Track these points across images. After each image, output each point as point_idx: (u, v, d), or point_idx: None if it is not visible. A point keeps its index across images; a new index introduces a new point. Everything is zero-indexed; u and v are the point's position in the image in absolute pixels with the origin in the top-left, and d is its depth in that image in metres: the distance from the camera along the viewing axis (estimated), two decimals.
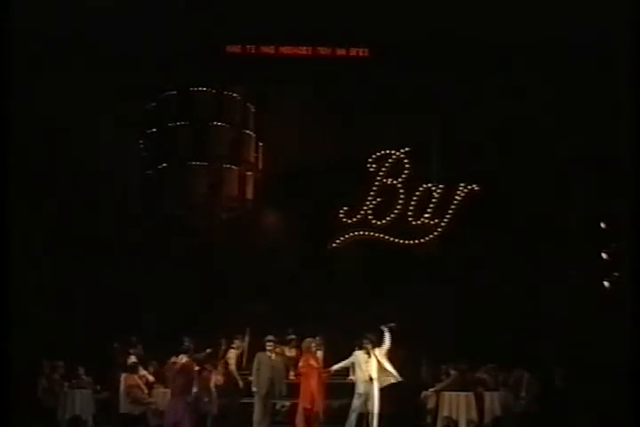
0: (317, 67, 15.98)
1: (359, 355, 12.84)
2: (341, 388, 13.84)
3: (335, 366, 13.13)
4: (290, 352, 14.83)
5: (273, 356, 13.38)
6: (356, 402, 12.80)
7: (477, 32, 14.83)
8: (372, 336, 12.89)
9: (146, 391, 13.84)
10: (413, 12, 14.53)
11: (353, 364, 12.95)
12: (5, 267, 11.57)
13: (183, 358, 12.52)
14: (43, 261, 15.49)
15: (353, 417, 12.81)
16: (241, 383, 14.00)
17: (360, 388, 12.80)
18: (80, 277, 16.41)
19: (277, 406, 14.85)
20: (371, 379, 12.64)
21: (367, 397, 12.68)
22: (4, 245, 11.64)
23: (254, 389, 13.21)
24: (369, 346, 12.81)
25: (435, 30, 14.97)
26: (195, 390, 12.52)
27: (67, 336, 15.39)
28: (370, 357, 12.80)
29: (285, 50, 16.14)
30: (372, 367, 12.71)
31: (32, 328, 14.12)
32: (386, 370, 12.71)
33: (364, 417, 12.79)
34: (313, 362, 13.25)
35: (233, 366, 14.13)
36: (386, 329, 12.81)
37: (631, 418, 11.37)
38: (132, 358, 14.11)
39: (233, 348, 14.30)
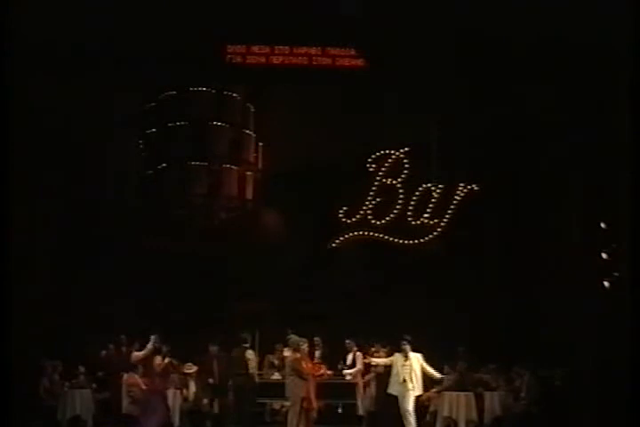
0: (317, 68, 16.03)
1: (398, 357, 12.99)
2: (341, 388, 13.90)
3: (376, 360, 13.39)
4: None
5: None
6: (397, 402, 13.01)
7: (476, 32, 14.85)
8: (409, 339, 13.05)
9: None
10: (414, 12, 14.56)
11: (391, 365, 13.11)
12: (5, 267, 11.56)
13: (158, 359, 12.56)
14: (43, 261, 15.48)
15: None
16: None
17: (393, 390, 12.93)
18: (80, 277, 16.41)
19: (277, 407, 14.87)
20: (404, 381, 12.78)
21: (402, 399, 12.87)
22: (4, 245, 11.63)
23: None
24: (407, 348, 12.96)
25: (434, 30, 14.99)
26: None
27: (67, 336, 15.39)
28: (407, 360, 12.95)
29: (284, 50, 16.20)
30: (407, 370, 12.87)
31: (32, 328, 14.10)
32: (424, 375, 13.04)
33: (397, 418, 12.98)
34: (309, 363, 13.21)
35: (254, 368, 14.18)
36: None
37: (631, 418, 11.36)
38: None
39: (247, 348, 14.32)
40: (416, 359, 13.04)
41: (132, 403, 13.63)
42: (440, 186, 17.57)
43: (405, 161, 17.67)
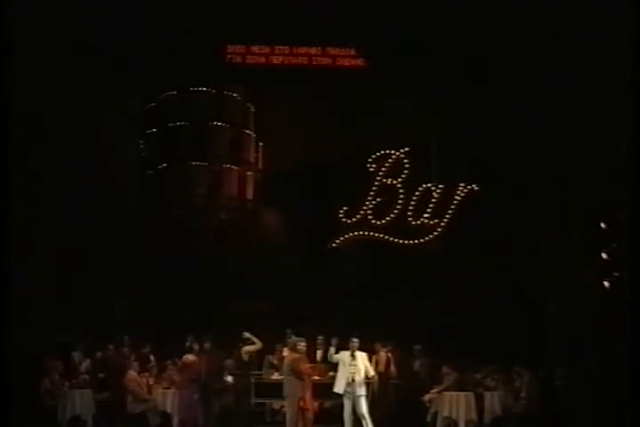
0: (317, 68, 16.05)
1: (345, 355, 12.90)
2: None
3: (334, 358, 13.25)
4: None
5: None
6: (346, 402, 12.88)
7: (476, 32, 14.86)
8: (358, 338, 12.95)
9: (145, 389, 13.86)
10: (414, 12, 14.56)
11: (337, 363, 13.02)
12: (6, 266, 11.57)
13: (188, 357, 12.60)
14: (43, 260, 15.48)
15: (347, 420, 12.91)
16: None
17: (340, 388, 12.84)
18: (80, 276, 16.42)
19: (277, 407, 14.86)
20: (353, 380, 12.70)
21: (353, 398, 12.76)
22: (5, 245, 11.64)
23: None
24: (355, 346, 12.88)
25: (434, 30, 15.00)
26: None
27: (67, 336, 15.39)
28: (354, 359, 12.85)
29: (284, 50, 16.21)
30: (355, 369, 12.78)
31: (32, 328, 14.11)
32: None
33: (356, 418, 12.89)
34: (307, 363, 13.18)
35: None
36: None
37: (631, 418, 11.37)
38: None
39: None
40: (361, 359, 12.93)
41: (132, 402, 13.64)
42: (440, 186, 17.58)
43: (405, 161, 17.67)
